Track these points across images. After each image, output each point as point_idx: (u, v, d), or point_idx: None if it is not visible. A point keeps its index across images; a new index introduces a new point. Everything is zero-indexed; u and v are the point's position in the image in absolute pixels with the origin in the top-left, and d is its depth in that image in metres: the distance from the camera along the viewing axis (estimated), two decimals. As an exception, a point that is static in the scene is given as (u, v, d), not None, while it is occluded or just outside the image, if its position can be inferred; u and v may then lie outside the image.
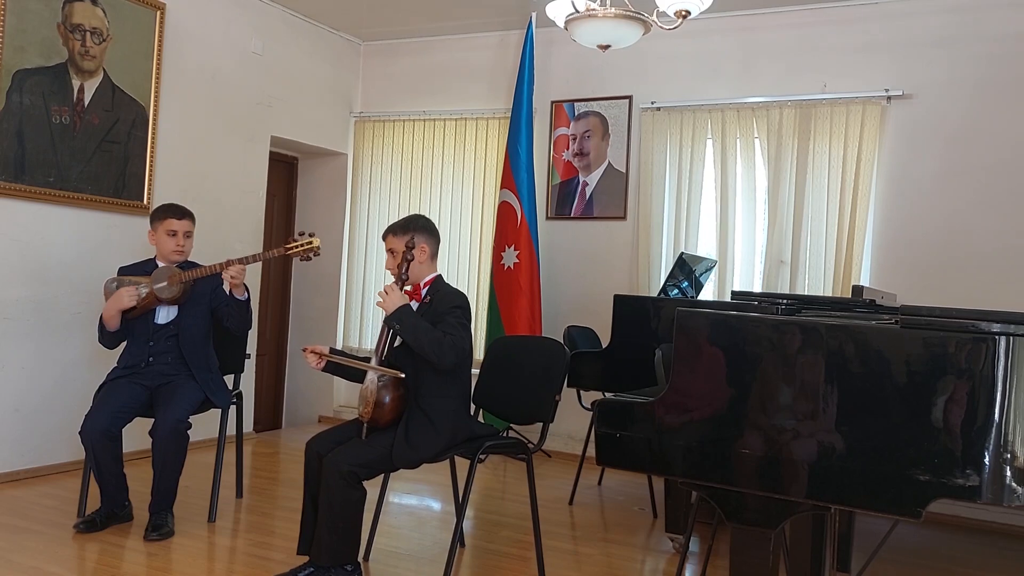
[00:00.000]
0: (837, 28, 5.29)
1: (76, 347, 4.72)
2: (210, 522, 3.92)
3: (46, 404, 4.60)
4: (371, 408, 3.15)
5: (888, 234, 5.14)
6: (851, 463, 2.01)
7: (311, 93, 6.39)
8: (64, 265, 4.68)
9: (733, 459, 2.12)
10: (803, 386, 2.06)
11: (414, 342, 3.09)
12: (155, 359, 3.88)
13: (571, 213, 6.02)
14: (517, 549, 3.84)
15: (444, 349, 3.09)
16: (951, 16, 5.01)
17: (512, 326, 5.63)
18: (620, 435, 2.26)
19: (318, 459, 3.18)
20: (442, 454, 3.21)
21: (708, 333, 2.16)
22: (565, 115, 6.05)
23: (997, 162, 4.87)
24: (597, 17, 3.77)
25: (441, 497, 4.64)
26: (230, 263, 3.80)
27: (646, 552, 4.02)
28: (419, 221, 3.39)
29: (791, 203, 5.31)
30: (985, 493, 1.96)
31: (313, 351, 3.30)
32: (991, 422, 1.95)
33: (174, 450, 3.64)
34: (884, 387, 2.01)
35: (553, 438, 5.63)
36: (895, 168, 5.13)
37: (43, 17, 4.51)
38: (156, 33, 5.07)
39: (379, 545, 3.68)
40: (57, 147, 4.59)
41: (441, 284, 3.38)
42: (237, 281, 3.81)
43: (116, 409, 3.68)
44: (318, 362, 3.31)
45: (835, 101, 5.22)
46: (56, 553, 3.44)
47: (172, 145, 5.25)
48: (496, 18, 6.04)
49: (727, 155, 5.49)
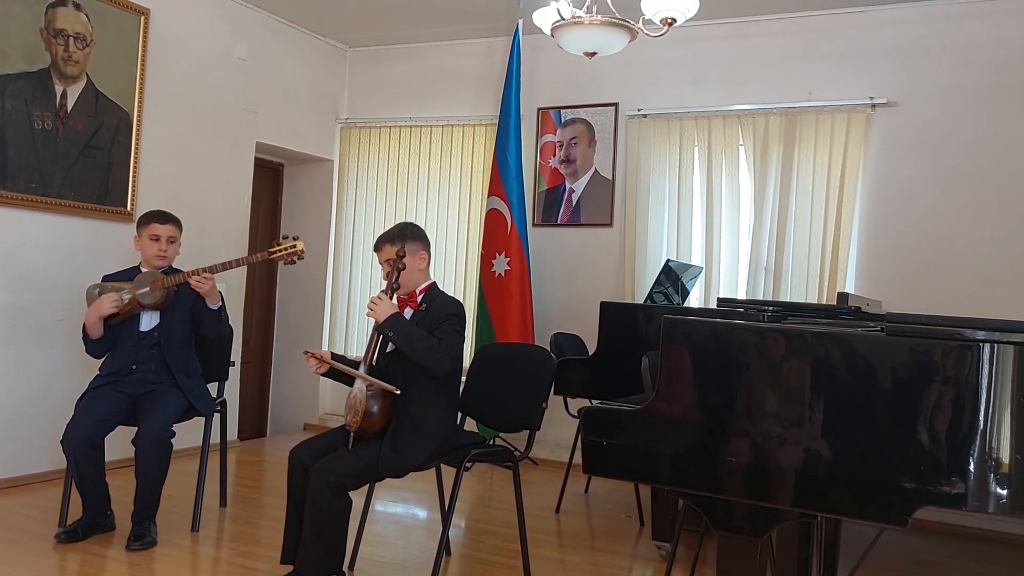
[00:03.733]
0: (822, 36, 5.31)
1: (58, 355, 4.67)
2: (193, 531, 3.88)
3: (27, 412, 4.55)
4: (360, 418, 3.12)
5: (873, 241, 5.16)
6: (837, 471, 2.01)
7: (297, 99, 6.37)
8: (46, 272, 4.63)
9: (720, 467, 2.11)
10: (789, 393, 2.06)
11: (409, 349, 3.08)
12: (138, 367, 3.85)
13: (557, 220, 6.02)
14: (503, 557, 3.83)
15: (439, 356, 3.08)
16: (935, 25, 5.04)
17: (504, 334, 5.60)
18: (607, 443, 2.26)
19: (302, 468, 3.15)
20: (429, 462, 3.19)
21: (695, 340, 2.16)
22: (551, 122, 6.06)
23: (981, 169, 4.90)
24: (583, 24, 3.76)
25: (427, 505, 4.62)
26: (199, 271, 3.76)
27: (633, 560, 4.01)
28: (412, 229, 3.37)
29: (776, 210, 5.33)
30: (971, 500, 1.96)
31: (314, 356, 3.26)
32: (976, 429, 1.96)
33: (157, 459, 3.60)
34: (870, 395, 2.01)
35: (540, 446, 5.59)
36: (880, 175, 5.15)
37: (25, 22, 4.47)
38: (140, 38, 5.04)
39: (364, 554, 3.65)
40: (40, 153, 4.55)
41: (436, 292, 3.38)
42: (203, 288, 3.78)
43: (99, 418, 3.64)
44: (318, 367, 3.26)
45: (820, 109, 5.24)
46: (37, 564, 3.40)
47: (156, 151, 5.21)
48: (483, 25, 6.04)
49: (713, 162, 5.50)
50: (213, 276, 3.79)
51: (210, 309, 3.87)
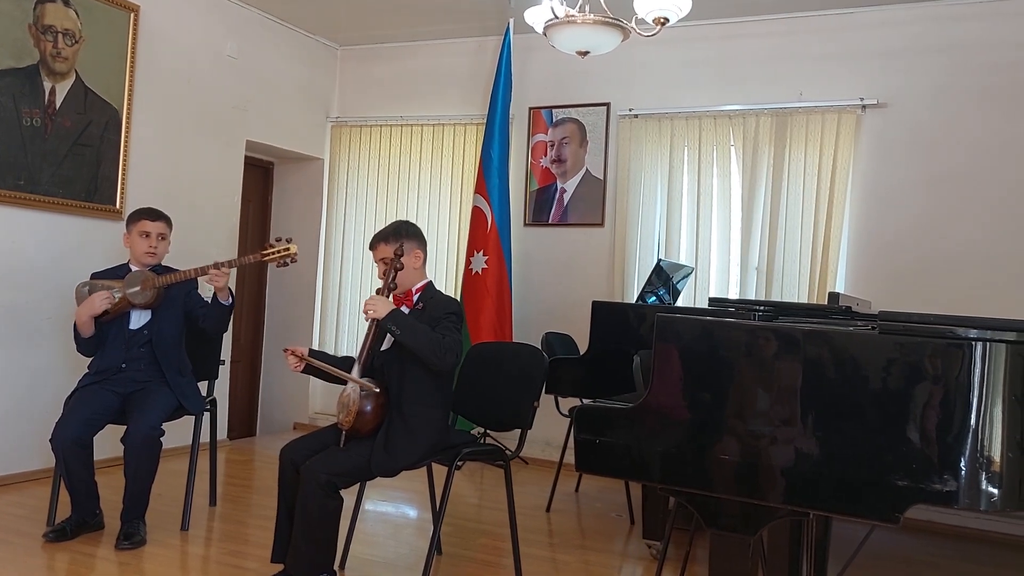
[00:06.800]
0: (813, 37, 5.33)
1: (47, 353, 4.64)
2: (183, 530, 3.86)
3: (16, 411, 4.52)
4: (353, 417, 3.11)
5: (863, 241, 5.18)
6: (829, 468, 2.01)
7: (287, 97, 6.35)
8: (35, 269, 4.61)
9: (711, 465, 2.12)
10: (781, 392, 2.07)
11: (414, 344, 3.05)
12: (128, 365, 3.83)
13: (549, 220, 6.01)
14: (494, 556, 3.83)
15: (445, 350, 3.07)
16: (925, 26, 5.06)
17: (476, 331, 5.55)
18: (600, 441, 2.25)
19: (292, 467, 3.14)
20: (420, 462, 3.18)
21: (687, 339, 2.16)
22: (543, 121, 6.05)
23: (970, 169, 4.93)
24: (576, 23, 3.76)
25: (418, 504, 4.61)
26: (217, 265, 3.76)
27: (624, 559, 4.01)
28: (408, 228, 3.36)
29: (767, 210, 5.34)
30: (962, 498, 1.97)
31: (293, 353, 3.25)
32: (968, 428, 1.96)
33: (147, 457, 3.58)
34: (862, 393, 2.01)
35: (531, 445, 5.56)
36: (870, 176, 5.17)
37: (14, 18, 4.44)
38: (130, 35, 5.02)
39: (355, 553, 3.64)
40: (28, 150, 4.52)
41: (433, 290, 3.37)
42: (219, 283, 3.77)
43: (88, 417, 3.62)
44: (297, 364, 3.25)
45: (811, 109, 5.26)
46: (25, 562, 3.38)
47: (145, 149, 5.19)
48: (474, 24, 6.03)
49: (704, 162, 5.51)
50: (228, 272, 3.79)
51: (221, 304, 3.86)
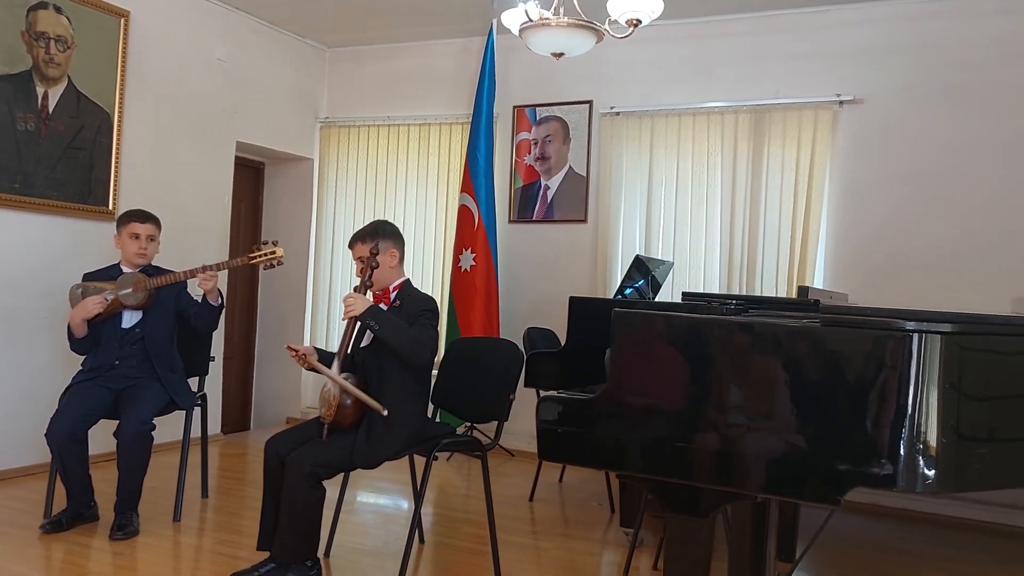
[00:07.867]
0: (789, 35, 5.43)
1: (42, 353, 4.75)
2: (175, 521, 3.99)
3: (13, 409, 4.64)
4: (334, 411, 3.23)
5: (840, 236, 5.28)
6: (773, 453, 2.12)
7: (277, 99, 6.45)
8: (30, 271, 4.72)
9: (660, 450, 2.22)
10: (724, 381, 2.17)
11: (394, 339, 3.15)
12: (121, 362, 3.95)
13: (533, 216, 6.13)
14: (476, 544, 3.94)
15: (422, 345, 3.20)
16: (900, 24, 5.16)
17: (468, 328, 5.70)
18: (560, 430, 2.37)
19: (277, 458, 3.27)
20: (401, 453, 3.30)
21: (639, 331, 2.27)
22: (527, 120, 6.16)
23: (944, 166, 5.03)
24: (550, 26, 3.86)
25: (403, 494, 4.73)
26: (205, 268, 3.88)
27: (604, 546, 4.13)
28: (385, 227, 3.47)
29: (746, 206, 5.45)
30: (900, 481, 2.07)
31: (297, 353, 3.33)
32: (905, 414, 2.06)
33: (139, 451, 3.71)
34: (806, 382, 2.12)
35: (516, 437, 5.75)
36: (847, 172, 5.28)
37: (7, 24, 4.55)
38: (120, 40, 5.12)
39: (340, 541, 3.76)
40: (22, 153, 4.64)
41: (410, 288, 3.47)
42: (208, 286, 3.89)
43: (81, 412, 3.74)
44: (301, 362, 3.35)
45: (788, 106, 5.36)
46: (23, 553, 3.50)
47: (137, 151, 5.30)
48: (458, 25, 6.14)
49: (683, 159, 5.62)
50: (217, 275, 3.91)
51: (211, 306, 3.98)
